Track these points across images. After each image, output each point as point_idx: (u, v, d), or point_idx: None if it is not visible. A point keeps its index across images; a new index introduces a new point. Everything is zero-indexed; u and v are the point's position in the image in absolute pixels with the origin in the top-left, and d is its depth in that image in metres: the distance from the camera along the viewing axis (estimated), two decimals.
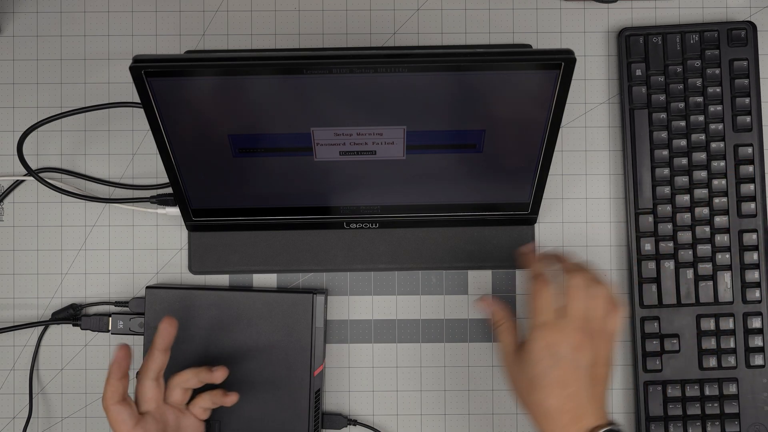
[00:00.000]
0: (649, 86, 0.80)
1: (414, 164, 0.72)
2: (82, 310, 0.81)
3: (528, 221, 0.80)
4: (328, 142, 0.70)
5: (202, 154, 0.71)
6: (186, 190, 0.74)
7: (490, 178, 0.74)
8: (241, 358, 0.77)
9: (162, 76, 0.64)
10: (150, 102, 0.65)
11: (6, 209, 0.82)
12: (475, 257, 0.80)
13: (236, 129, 0.69)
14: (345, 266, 0.81)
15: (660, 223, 0.80)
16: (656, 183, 0.80)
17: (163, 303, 0.78)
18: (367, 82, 0.65)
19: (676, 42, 0.80)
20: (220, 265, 0.81)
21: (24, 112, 0.82)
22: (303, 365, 0.77)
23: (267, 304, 0.78)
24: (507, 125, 0.69)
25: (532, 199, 0.76)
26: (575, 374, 0.66)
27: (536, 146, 0.71)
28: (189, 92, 0.65)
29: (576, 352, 0.67)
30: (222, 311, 0.78)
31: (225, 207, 0.77)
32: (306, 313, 0.77)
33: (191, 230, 0.80)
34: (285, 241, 0.81)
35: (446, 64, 0.63)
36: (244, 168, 0.72)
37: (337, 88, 0.65)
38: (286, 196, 0.76)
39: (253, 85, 0.65)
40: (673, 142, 0.80)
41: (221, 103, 0.66)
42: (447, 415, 0.82)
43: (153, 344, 0.70)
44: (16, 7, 0.82)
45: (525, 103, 0.67)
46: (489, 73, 0.64)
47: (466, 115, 0.68)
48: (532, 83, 0.65)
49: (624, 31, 0.81)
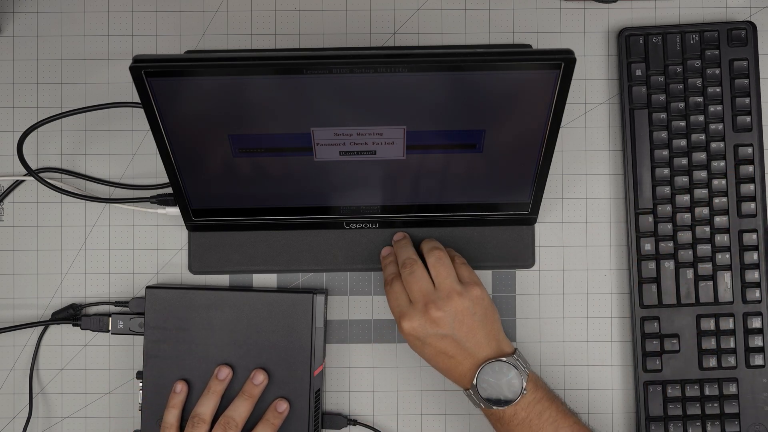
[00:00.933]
0: (649, 86, 0.80)
1: (414, 164, 0.72)
2: (82, 310, 0.81)
3: (528, 221, 0.80)
4: (328, 142, 0.70)
5: (202, 154, 0.71)
6: (186, 190, 0.74)
7: (490, 178, 0.74)
8: (241, 358, 0.77)
9: (162, 76, 0.64)
10: (150, 102, 0.65)
11: (6, 209, 0.82)
12: (475, 257, 0.80)
13: (236, 129, 0.69)
14: (345, 266, 0.81)
15: (660, 223, 0.80)
16: (656, 183, 0.80)
17: (163, 303, 0.78)
18: (367, 82, 0.65)
19: (676, 42, 0.80)
20: (221, 265, 0.81)
21: (24, 112, 0.82)
22: (303, 365, 0.77)
23: (267, 304, 0.78)
24: (507, 125, 0.69)
25: (532, 199, 0.76)
26: (444, 342, 0.72)
27: (536, 146, 0.71)
28: (189, 92, 0.65)
29: (434, 326, 0.72)
30: (222, 311, 0.77)
31: (225, 207, 0.77)
32: (306, 313, 0.77)
33: (191, 230, 0.80)
34: (285, 241, 0.81)
35: (446, 64, 0.63)
36: (244, 168, 0.72)
37: (337, 88, 0.65)
38: (286, 196, 0.76)
39: (253, 85, 0.65)
40: (673, 142, 0.80)
41: (221, 103, 0.66)
42: (447, 415, 0.82)
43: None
44: (16, 7, 0.82)
45: (525, 103, 0.67)
46: (489, 73, 0.64)
47: (466, 115, 0.68)
48: (532, 83, 0.65)
49: (624, 31, 0.81)
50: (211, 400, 0.75)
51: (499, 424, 0.72)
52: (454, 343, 0.72)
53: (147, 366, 0.77)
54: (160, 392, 0.77)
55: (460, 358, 0.72)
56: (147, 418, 0.77)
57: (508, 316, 0.82)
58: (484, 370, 0.71)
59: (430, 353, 0.73)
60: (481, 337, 0.72)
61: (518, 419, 0.71)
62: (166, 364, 0.77)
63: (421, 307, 0.72)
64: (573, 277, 0.82)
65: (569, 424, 0.71)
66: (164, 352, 0.77)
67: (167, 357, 0.77)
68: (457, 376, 0.73)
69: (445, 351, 0.72)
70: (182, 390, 0.76)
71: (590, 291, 0.82)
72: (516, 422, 0.71)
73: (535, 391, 0.71)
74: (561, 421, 0.71)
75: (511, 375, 0.71)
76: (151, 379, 0.77)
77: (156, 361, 0.77)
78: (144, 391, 0.78)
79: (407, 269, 0.75)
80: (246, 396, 0.76)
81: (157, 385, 0.77)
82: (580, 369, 0.82)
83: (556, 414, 0.71)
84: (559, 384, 0.81)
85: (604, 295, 0.82)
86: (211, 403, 0.75)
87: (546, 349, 0.82)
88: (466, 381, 0.72)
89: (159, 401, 0.77)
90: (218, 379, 0.76)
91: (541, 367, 0.81)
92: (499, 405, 0.71)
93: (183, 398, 0.76)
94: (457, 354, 0.72)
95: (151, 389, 0.77)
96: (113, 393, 0.81)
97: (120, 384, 0.81)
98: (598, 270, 0.82)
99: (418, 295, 0.73)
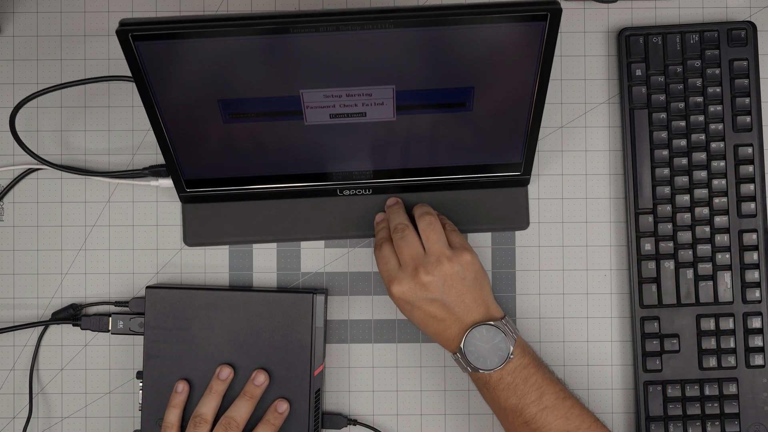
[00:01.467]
0: (649, 86, 0.80)
1: (405, 126, 0.72)
2: (82, 310, 0.81)
3: (521, 182, 0.80)
4: (318, 104, 0.70)
5: (193, 120, 0.70)
6: (178, 159, 0.74)
7: (481, 138, 0.74)
8: (241, 357, 0.77)
9: (149, 39, 0.63)
10: (138, 67, 0.65)
11: (6, 209, 0.82)
12: (470, 220, 0.80)
13: (226, 93, 0.68)
14: (340, 233, 0.81)
15: (660, 223, 0.80)
16: (656, 183, 0.80)
17: (163, 303, 0.78)
18: (353, 40, 0.64)
19: (676, 42, 0.80)
20: (216, 236, 0.81)
21: (24, 112, 0.82)
22: (303, 365, 0.77)
23: (267, 303, 0.78)
24: (496, 81, 0.69)
25: (524, 157, 0.76)
26: (433, 306, 0.72)
27: (526, 103, 0.70)
28: (177, 55, 0.65)
29: (423, 290, 0.72)
30: (222, 311, 0.77)
31: (218, 176, 0.76)
32: (306, 313, 0.77)
33: (185, 202, 0.80)
34: (279, 210, 0.81)
35: (431, 19, 0.63)
36: (236, 134, 0.72)
37: (324, 47, 0.64)
38: (278, 163, 0.76)
39: (242, 46, 0.64)
40: (673, 142, 0.80)
41: (210, 66, 0.66)
42: (447, 415, 0.82)
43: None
44: (16, 7, 0.82)
45: (512, 57, 0.66)
46: (474, 27, 0.64)
47: (454, 71, 0.68)
48: (519, 36, 0.65)
49: (624, 31, 0.81)
50: (212, 400, 0.75)
51: (485, 389, 0.72)
52: (443, 307, 0.72)
53: (147, 366, 0.77)
54: (161, 392, 0.77)
55: (449, 322, 0.72)
56: (147, 418, 0.77)
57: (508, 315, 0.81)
58: (471, 333, 0.71)
59: (419, 317, 0.73)
60: (470, 302, 0.72)
61: (504, 384, 0.71)
62: (166, 364, 0.77)
63: (411, 270, 0.72)
64: (573, 277, 0.82)
65: (555, 390, 0.71)
66: (164, 352, 0.77)
67: (167, 357, 0.77)
68: (446, 340, 0.73)
69: (434, 315, 0.72)
70: (184, 390, 0.76)
71: (590, 291, 0.82)
72: (502, 387, 0.71)
73: (522, 357, 0.71)
74: (546, 387, 0.71)
75: (498, 339, 0.71)
76: (151, 379, 0.77)
77: (156, 361, 0.77)
78: (144, 391, 0.78)
79: (398, 234, 0.75)
80: (247, 397, 0.76)
81: (158, 385, 0.77)
82: (580, 369, 0.82)
83: (542, 380, 0.71)
84: None
85: (604, 295, 0.82)
86: (212, 403, 0.75)
87: (546, 349, 0.82)
88: (454, 345, 0.72)
89: (159, 401, 0.77)
90: (220, 379, 0.76)
91: None
92: (486, 369, 0.71)
93: (184, 398, 0.76)
94: (446, 318, 0.72)
95: (151, 389, 0.77)
96: (113, 393, 0.81)
97: (120, 384, 0.81)
98: (598, 270, 0.82)
99: (408, 259, 0.73)
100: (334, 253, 0.82)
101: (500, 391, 0.71)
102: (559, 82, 0.82)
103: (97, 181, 0.81)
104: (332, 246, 0.82)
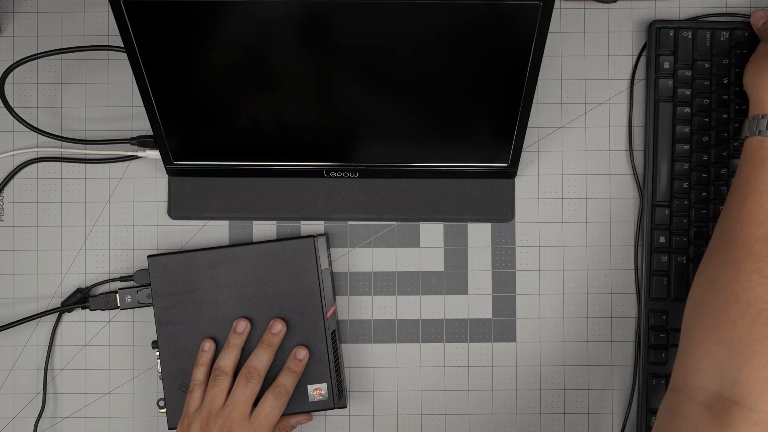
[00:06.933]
0: (675, 80, 0.80)
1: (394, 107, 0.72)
2: (88, 291, 0.81)
3: (508, 174, 0.80)
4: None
5: (182, 87, 0.70)
6: (165, 129, 0.74)
7: (469, 127, 0.74)
8: (252, 311, 0.77)
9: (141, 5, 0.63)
10: (128, 32, 0.65)
11: (6, 209, 0.82)
12: (454, 210, 0.81)
13: (216, 59, 0.68)
14: (324, 215, 0.81)
15: (675, 217, 0.80)
16: (675, 177, 0.80)
17: (167, 269, 0.78)
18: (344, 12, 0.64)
19: (706, 38, 0.80)
20: (200, 211, 0.81)
21: (23, 111, 0.82)
22: (315, 309, 0.77)
23: (270, 253, 0.78)
24: (487, 68, 0.69)
25: (512, 149, 0.76)
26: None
27: (516, 94, 0.70)
28: (167, 18, 0.64)
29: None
30: (227, 268, 0.78)
31: (205, 147, 0.76)
32: (309, 256, 0.78)
33: (171, 174, 0.80)
34: (265, 188, 0.81)
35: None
36: (223, 101, 0.72)
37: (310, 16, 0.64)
38: (267, 132, 0.75)
39: (232, 11, 0.64)
40: (694, 137, 0.80)
41: (200, 32, 0.66)
42: (447, 415, 0.82)
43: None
44: (16, 7, 0.82)
45: (504, 43, 0.66)
46: (467, 3, 0.63)
47: (444, 56, 0.67)
48: (512, 20, 0.64)
49: (654, 23, 0.80)
50: (231, 353, 0.76)
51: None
52: None
53: (161, 334, 0.78)
54: (178, 357, 0.77)
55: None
56: (169, 385, 0.78)
57: (508, 316, 0.82)
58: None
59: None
60: None
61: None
62: (180, 329, 0.77)
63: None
64: (573, 277, 0.82)
65: None
66: (176, 317, 0.78)
67: (180, 322, 0.78)
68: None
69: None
70: (210, 348, 0.77)
71: (590, 291, 0.82)
72: None
73: None
74: None
75: None
76: (167, 346, 0.78)
77: (169, 328, 0.78)
78: (162, 359, 0.78)
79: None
80: (266, 345, 0.76)
81: (174, 351, 0.78)
82: (580, 369, 0.82)
83: None
84: (559, 384, 0.81)
85: (604, 295, 0.82)
86: (231, 356, 0.76)
87: (546, 349, 0.82)
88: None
89: (179, 367, 0.77)
90: (236, 333, 0.77)
91: (542, 367, 0.81)
92: None
93: (211, 356, 0.77)
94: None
95: (168, 356, 0.78)
96: (136, 369, 0.81)
97: (140, 364, 0.81)
98: (598, 270, 0.82)
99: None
100: (334, 253, 0.82)
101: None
102: (559, 82, 0.82)
103: (96, 167, 0.82)
104: (332, 246, 0.82)
